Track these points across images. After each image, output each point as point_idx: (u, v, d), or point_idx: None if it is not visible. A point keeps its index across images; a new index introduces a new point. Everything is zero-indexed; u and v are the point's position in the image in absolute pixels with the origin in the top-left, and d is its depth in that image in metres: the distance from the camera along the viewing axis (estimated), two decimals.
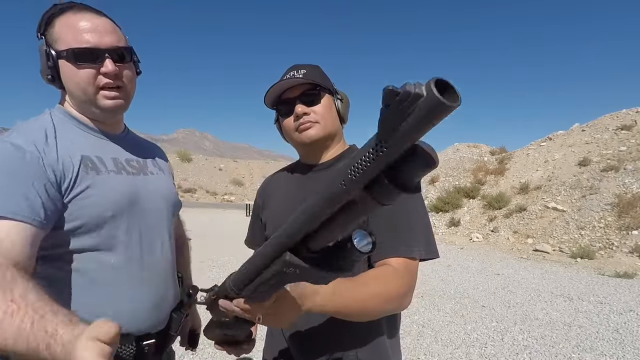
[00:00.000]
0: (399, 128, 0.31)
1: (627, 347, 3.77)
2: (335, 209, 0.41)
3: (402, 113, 0.30)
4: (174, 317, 1.05)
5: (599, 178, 10.74)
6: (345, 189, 0.38)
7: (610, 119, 14.14)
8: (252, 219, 1.20)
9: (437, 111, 0.29)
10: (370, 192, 0.37)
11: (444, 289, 5.83)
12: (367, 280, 0.82)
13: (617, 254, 8.23)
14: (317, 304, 0.72)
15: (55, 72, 0.91)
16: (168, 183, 1.13)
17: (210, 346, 3.53)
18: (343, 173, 0.38)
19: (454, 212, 12.87)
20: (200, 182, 31.62)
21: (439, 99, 0.28)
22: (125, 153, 1.03)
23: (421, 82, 0.30)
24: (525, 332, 4.10)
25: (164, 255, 1.03)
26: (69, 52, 0.88)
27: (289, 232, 0.49)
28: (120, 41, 0.94)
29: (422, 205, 0.96)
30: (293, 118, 0.99)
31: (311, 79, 0.97)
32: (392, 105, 0.31)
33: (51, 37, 0.90)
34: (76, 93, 0.92)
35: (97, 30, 0.90)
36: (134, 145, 1.08)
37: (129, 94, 0.98)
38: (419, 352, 3.58)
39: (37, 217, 0.78)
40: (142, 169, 1.05)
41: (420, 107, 0.29)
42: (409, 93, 0.29)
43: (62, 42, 0.89)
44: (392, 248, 0.88)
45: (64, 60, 0.89)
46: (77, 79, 0.90)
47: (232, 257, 7.30)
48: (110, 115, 0.97)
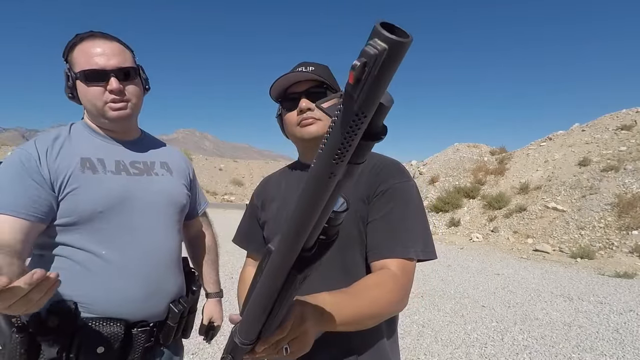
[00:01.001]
0: (377, 94, 0.31)
1: (627, 347, 3.77)
2: (326, 202, 0.41)
3: (374, 77, 0.30)
4: (172, 309, 1.13)
5: (599, 178, 10.74)
6: (334, 178, 0.38)
7: (610, 119, 14.15)
8: (247, 219, 1.17)
9: (401, 53, 0.29)
10: (350, 161, 0.37)
11: (444, 289, 5.83)
12: (365, 289, 0.80)
13: (617, 254, 8.23)
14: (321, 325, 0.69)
15: (75, 90, 1.08)
16: (174, 184, 1.22)
17: (211, 346, 3.53)
18: (326, 165, 0.36)
19: (454, 212, 12.87)
20: (200, 182, 31.54)
21: (400, 41, 0.28)
22: (132, 156, 1.16)
23: (366, 45, 0.30)
24: (525, 332, 4.10)
25: (161, 250, 1.11)
26: (81, 73, 1.04)
27: (285, 252, 0.47)
28: (126, 62, 1.08)
29: (419, 206, 0.95)
30: (296, 112, 0.99)
31: (319, 76, 0.97)
32: (364, 77, 0.30)
33: (71, 61, 1.07)
34: (88, 107, 1.08)
35: (104, 54, 1.04)
36: (147, 148, 1.22)
37: (134, 107, 1.12)
38: (419, 352, 3.58)
39: (22, 210, 0.93)
40: (147, 170, 1.16)
41: (385, 60, 0.29)
42: (375, 55, 0.29)
43: (78, 65, 1.05)
44: (389, 249, 0.88)
45: (79, 80, 1.05)
46: (89, 96, 1.05)
47: (232, 257, 7.31)
48: (117, 124, 1.11)
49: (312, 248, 0.50)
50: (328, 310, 0.70)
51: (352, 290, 0.79)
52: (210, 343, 1.41)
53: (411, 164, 18.86)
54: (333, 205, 0.43)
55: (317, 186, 0.39)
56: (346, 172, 0.38)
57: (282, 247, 0.47)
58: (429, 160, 17.56)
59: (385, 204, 0.92)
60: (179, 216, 1.21)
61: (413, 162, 19.33)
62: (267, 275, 0.52)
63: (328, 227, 0.48)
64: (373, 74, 0.30)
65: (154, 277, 1.09)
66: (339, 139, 0.34)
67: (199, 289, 1.31)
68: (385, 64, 0.29)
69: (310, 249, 0.49)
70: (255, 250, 1.13)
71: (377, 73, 0.30)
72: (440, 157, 17.08)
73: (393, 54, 0.29)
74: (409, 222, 0.91)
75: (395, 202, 0.91)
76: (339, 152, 0.35)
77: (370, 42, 0.29)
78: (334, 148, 0.35)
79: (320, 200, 0.40)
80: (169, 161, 1.25)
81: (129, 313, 1.04)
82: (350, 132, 0.33)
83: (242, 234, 1.18)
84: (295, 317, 0.62)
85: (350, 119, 0.33)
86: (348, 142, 0.34)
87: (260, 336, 0.60)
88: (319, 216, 0.42)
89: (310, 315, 0.65)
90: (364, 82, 0.30)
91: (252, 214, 1.15)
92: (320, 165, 0.37)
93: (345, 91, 0.32)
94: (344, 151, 0.35)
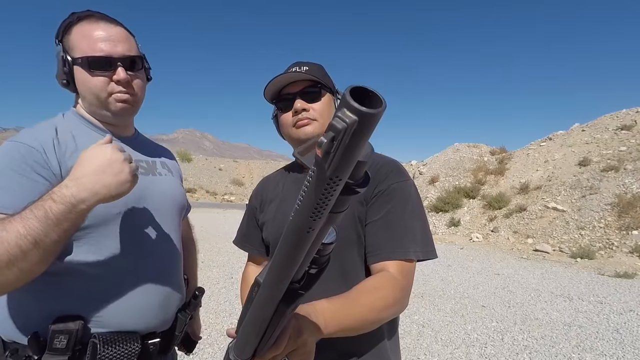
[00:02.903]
0: (350, 161, 0.30)
1: (627, 347, 3.77)
2: (308, 248, 0.41)
3: (345, 147, 0.29)
4: (180, 318, 1.07)
5: (599, 178, 10.74)
6: (312, 232, 0.37)
7: (610, 119, 14.15)
8: (247, 220, 1.17)
9: (373, 124, 0.28)
10: (331, 210, 0.37)
11: (444, 289, 5.83)
12: (364, 293, 0.79)
13: (617, 254, 8.23)
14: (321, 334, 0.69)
15: (70, 77, 0.96)
16: (176, 184, 1.15)
17: (211, 346, 3.53)
18: (304, 221, 0.36)
19: (454, 212, 12.87)
20: (200, 182, 31.63)
21: (371, 113, 0.27)
22: (135, 154, 1.06)
23: (334, 117, 0.28)
24: (525, 332, 4.10)
25: (171, 255, 1.05)
26: (84, 59, 0.93)
27: (273, 287, 0.47)
28: (132, 50, 0.98)
29: (418, 205, 0.94)
30: (292, 113, 0.98)
31: (313, 76, 0.96)
32: (333, 149, 0.29)
33: (68, 44, 0.95)
34: (89, 97, 0.97)
35: (110, 40, 0.94)
36: (144, 147, 1.13)
37: (138, 100, 1.02)
38: (419, 352, 3.58)
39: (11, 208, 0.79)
40: (151, 170, 1.08)
41: (356, 131, 0.28)
42: (344, 129, 0.27)
43: (78, 50, 0.94)
44: (388, 251, 0.87)
45: (79, 67, 0.94)
46: (91, 85, 0.95)
47: (232, 257, 7.31)
48: (120, 118, 1.02)
49: (301, 279, 0.50)
50: (327, 319, 0.69)
51: (351, 295, 0.78)
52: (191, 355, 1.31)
53: (411, 164, 18.86)
54: (318, 245, 0.43)
55: (296, 239, 0.39)
56: (327, 220, 0.37)
57: (270, 282, 0.47)
58: (429, 160, 17.57)
59: (383, 204, 0.91)
60: (180, 219, 1.15)
61: (413, 162, 19.33)
62: (257, 306, 0.52)
63: (317, 257, 0.47)
64: (344, 144, 0.29)
65: (167, 283, 1.02)
66: (314, 200, 0.33)
67: (201, 294, 1.22)
68: (356, 134, 0.28)
69: (299, 280, 0.49)
70: (256, 251, 1.12)
71: (347, 143, 0.29)
72: (440, 157, 17.08)
73: (364, 126, 0.28)
74: (408, 222, 0.90)
75: (393, 203, 0.91)
76: (315, 210, 0.34)
77: (339, 113, 0.28)
78: (310, 207, 0.34)
79: (301, 250, 0.40)
80: (166, 160, 1.19)
81: (145, 324, 0.95)
82: (326, 194, 0.33)
83: (241, 235, 1.17)
84: (293, 330, 0.61)
85: (324, 183, 0.32)
86: (324, 202, 0.33)
87: (256, 355, 0.59)
88: (303, 258, 0.43)
89: (306, 328, 0.64)
90: (334, 153, 0.29)
91: (251, 216, 1.15)
92: (298, 221, 0.37)
93: (315, 161, 0.31)
94: (320, 210, 0.34)
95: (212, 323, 3.99)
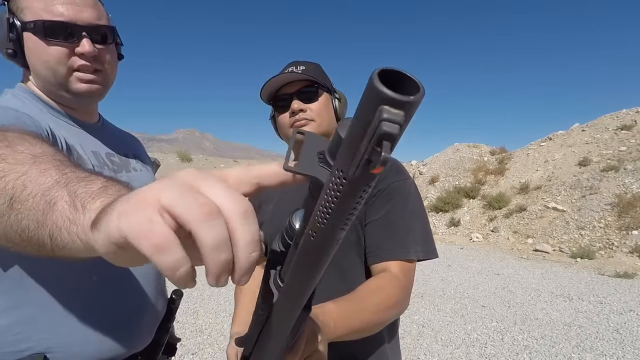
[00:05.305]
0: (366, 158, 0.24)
1: (627, 347, 3.77)
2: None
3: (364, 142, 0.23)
4: (162, 334, 0.93)
5: (599, 178, 10.74)
6: (339, 242, 0.32)
7: (610, 119, 14.14)
8: None
9: (415, 112, 0.23)
10: None
11: (444, 289, 5.82)
12: (368, 295, 0.79)
13: (617, 254, 8.22)
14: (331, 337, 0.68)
15: (19, 46, 0.77)
16: (153, 180, 1.02)
17: (211, 346, 3.52)
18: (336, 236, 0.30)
19: (454, 212, 12.87)
20: None
21: (416, 101, 0.22)
22: (104, 147, 0.89)
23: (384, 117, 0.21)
24: (525, 332, 4.09)
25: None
26: (38, 24, 0.74)
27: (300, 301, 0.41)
28: (101, 18, 0.81)
29: (418, 204, 0.94)
30: (289, 114, 0.98)
31: (310, 75, 0.95)
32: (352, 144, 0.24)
33: (16, 4, 0.77)
34: (43, 73, 0.78)
35: (74, 3, 0.76)
36: (113, 137, 0.95)
37: (107, 80, 0.84)
38: (419, 352, 3.58)
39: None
40: (124, 166, 0.92)
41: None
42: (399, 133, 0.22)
43: (30, 11, 0.75)
44: (389, 251, 0.87)
45: (30, 33, 0.75)
46: (46, 57, 0.76)
47: None
48: (83, 101, 0.84)
49: None
50: (336, 321, 0.68)
51: (355, 297, 0.78)
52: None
53: (411, 164, 18.85)
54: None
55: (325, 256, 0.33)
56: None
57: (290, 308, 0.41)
58: (429, 160, 17.55)
59: (383, 204, 0.91)
60: None
61: (413, 162, 19.32)
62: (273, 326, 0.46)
63: None
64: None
65: (150, 297, 0.88)
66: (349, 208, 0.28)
67: (179, 298, 1.01)
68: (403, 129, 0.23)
69: None
70: None
71: None
72: (440, 157, 17.07)
73: (409, 118, 0.23)
74: (408, 222, 0.90)
75: (393, 202, 0.90)
76: (347, 220, 0.29)
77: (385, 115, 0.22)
78: (343, 217, 0.28)
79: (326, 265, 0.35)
80: (138, 153, 1.02)
81: (127, 347, 0.80)
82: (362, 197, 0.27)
83: None
84: (309, 335, 0.59)
85: (364, 186, 0.26)
86: (356, 208, 0.28)
87: None
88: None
89: (321, 331, 0.63)
90: None
91: None
92: (329, 237, 0.30)
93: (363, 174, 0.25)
94: (351, 218, 0.29)
95: (212, 323, 3.97)
